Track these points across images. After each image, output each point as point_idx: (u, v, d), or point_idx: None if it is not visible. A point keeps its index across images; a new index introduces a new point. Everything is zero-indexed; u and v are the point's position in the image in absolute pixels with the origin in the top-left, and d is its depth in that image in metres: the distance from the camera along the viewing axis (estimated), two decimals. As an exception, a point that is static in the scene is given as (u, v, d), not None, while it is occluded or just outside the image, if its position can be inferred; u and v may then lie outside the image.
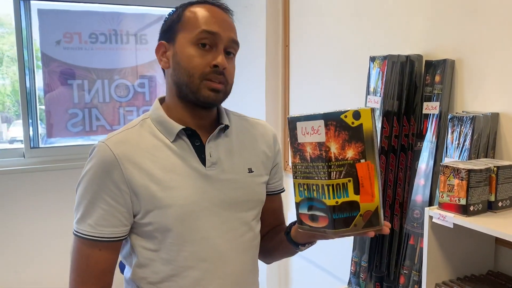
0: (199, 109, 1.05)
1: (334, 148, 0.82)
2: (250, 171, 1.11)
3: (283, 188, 1.26)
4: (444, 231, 1.22)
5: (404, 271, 1.47)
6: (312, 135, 0.84)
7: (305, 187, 0.87)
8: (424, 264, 1.24)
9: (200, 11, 1.02)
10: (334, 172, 0.83)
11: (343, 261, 1.82)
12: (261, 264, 1.21)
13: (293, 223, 1.10)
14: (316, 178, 0.85)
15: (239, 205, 1.08)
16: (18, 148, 2.79)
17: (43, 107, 2.82)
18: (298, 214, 0.91)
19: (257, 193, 1.13)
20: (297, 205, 0.90)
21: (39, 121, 2.81)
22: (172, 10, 1.09)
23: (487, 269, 1.34)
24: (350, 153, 0.83)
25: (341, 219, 0.83)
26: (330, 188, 0.83)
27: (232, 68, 1.05)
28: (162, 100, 1.11)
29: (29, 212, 2.70)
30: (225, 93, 1.04)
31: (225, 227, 1.05)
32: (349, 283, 1.68)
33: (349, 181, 0.83)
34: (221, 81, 1.01)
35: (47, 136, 2.85)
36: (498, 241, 1.34)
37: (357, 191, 0.83)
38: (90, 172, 0.99)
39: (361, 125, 0.82)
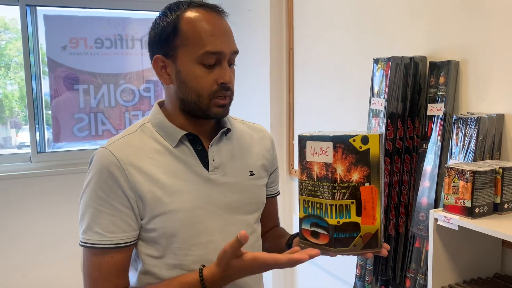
0: (202, 118, 1.05)
1: (340, 170, 0.85)
2: (252, 174, 1.11)
3: (279, 191, 1.28)
4: (450, 233, 1.21)
5: (410, 274, 1.45)
6: (320, 155, 0.87)
7: (310, 204, 0.90)
8: (430, 267, 1.23)
9: (200, 24, 0.97)
10: (338, 193, 0.86)
11: (348, 264, 1.80)
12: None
13: (293, 236, 1.11)
14: (321, 197, 0.88)
15: (242, 208, 1.09)
16: (25, 153, 2.81)
17: (49, 112, 2.84)
18: (301, 229, 0.93)
19: (259, 196, 1.14)
20: (301, 220, 0.93)
21: (45, 126, 2.83)
22: (161, 14, 1.02)
23: (494, 271, 1.32)
24: (355, 176, 0.86)
25: (341, 239, 0.87)
26: (333, 208, 0.86)
27: (234, 76, 1.04)
28: (161, 104, 1.10)
29: (36, 216, 2.72)
30: (231, 102, 1.05)
31: (229, 230, 1.06)
32: (355, 286, 1.67)
33: (352, 203, 0.86)
34: (227, 95, 1.01)
35: (54, 141, 2.87)
36: (505, 243, 1.32)
37: (359, 213, 0.86)
38: (94, 179, 0.97)
39: (368, 149, 0.85)
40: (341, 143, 0.85)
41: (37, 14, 2.75)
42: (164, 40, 1.00)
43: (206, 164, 1.04)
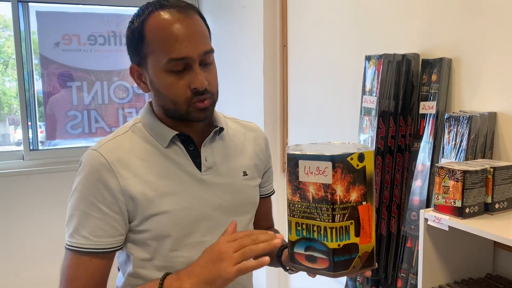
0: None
1: (339, 191, 0.81)
2: (245, 174, 1.09)
3: (274, 190, 1.25)
4: (441, 233, 1.19)
5: (402, 274, 1.44)
6: (316, 175, 0.82)
7: (304, 226, 0.85)
8: (420, 267, 1.21)
9: (162, 30, 0.92)
10: (338, 215, 0.82)
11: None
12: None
13: (285, 247, 1.07)
14: (318, 219, 0.83)
15: (235, 208, 1.07)
16: (18, 151, 2.79)
17: (42, 109, 2.82)
18: (292, 253, 0.89)
19: (252, 196, 1.12)
20: (292, 243, 0.88)
21: (38, 124, 2.81)
22: (130, 21, 0.98)
23: (486, 272, 1.31)
24: (353, 196, 0.82)
25: (341, 262, 0.83)
26: (334, 231, 0.82)
27: (212, 76, 0.98)
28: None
29: (29, 214, 2.70)
30: (214, 103, 1.00)
31: (220, 231, 1.02)
32: (346, 286, 1.66)
33: (351, 223, 0.83)
34: (206, 98, 0.96)
35: (47, 138, 2.85)
36: (497, 244, 1.30)
37: (357, 233, 0.83)
38: (82, 182, 0.96)
39: (364, 167, 0.82)
40: (340, 163, 0.80)
41: (29, 11, 2.72)
42: (135, 49, 0.98)
43: (198, 165, 1.02)
